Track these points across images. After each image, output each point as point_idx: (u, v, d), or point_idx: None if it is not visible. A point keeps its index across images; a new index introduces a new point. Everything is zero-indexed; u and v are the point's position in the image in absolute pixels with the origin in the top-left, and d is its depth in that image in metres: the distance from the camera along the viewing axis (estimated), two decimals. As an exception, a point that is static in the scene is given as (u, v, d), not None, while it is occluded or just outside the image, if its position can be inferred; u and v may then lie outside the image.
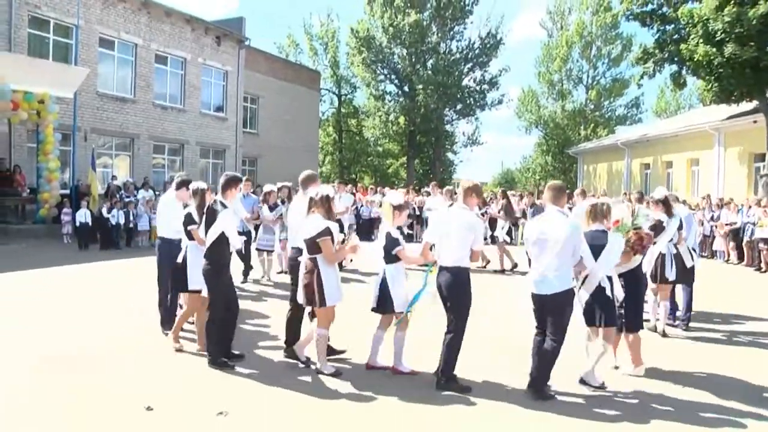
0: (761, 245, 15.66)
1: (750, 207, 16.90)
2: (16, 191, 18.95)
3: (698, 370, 6.61)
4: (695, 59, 20.61)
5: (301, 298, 6.16)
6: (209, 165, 28.80)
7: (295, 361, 6.46)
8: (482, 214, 14.90)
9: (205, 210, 6.54)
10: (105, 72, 23.29)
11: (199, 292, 6.72)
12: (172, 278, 7.19)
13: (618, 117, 48.42)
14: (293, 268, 6.54)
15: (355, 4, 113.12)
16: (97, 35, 22.43)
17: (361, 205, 20.86)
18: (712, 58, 19.93)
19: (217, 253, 6.38)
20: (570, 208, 9.58)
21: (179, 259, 6.95)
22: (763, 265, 15.64)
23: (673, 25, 23.22)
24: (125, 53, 24.06)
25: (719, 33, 19.47)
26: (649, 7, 24.06)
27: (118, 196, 18.38)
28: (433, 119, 40.69)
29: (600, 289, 5.84)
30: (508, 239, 14.60)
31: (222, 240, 6.34)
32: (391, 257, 6.10)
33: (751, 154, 23.35)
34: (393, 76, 41.85)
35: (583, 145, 41.78)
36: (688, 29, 21.12)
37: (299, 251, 6.30)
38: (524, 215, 17.90)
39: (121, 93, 23.94)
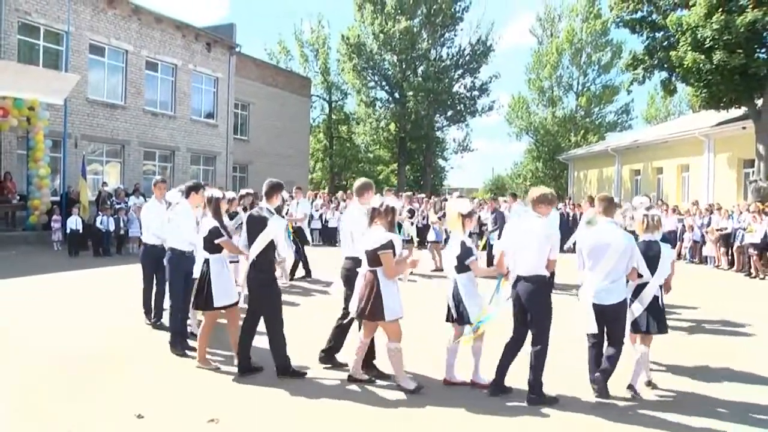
0: (751, 250, 15.75)
1: (741, 213, 17.01)
2: (6, 198, 18.84)
3: (688, 373, 6.63)
4: (684, 66, 20.78)
5: (355, 309, 5.93)
6: (200, 171, 28.71)
7: (328, 367, 6.50)
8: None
9: (246, 217, 6.49)
10: (95, 78, 23.21)
11: (228, 307, 6.51)
12: (185, 294, 7.02)
13: (608, 123, 48.66)
14: (348, 278, 6.30)
15: (346, 11, 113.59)
16: (87, 42, 22.36)
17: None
18: (701, 65, 20.10)
19: (269, 261, 6.26)
20: (565, 215, 9.67)
21: (195, 275, 6.70)
22: (752, 270, 15.73)
23: (662, 32, 23.41)
24: (116, 60, 23.99)
25: (708, 40, 19.65)
26: (639, 14, 24.28)
27: (108, 202, 18.30)
28: (424, 126, 40.77)
29: (654, 298, 6.01)
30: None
31: (271, 248, 6.19)
32: (463, 267, 5.97)
33: (741, 159, 23.52)
34: (383, 83, 41.91)
35: (574, 151, 41.97)
36: (677, 36, 21.29)
37: (355, 261, 6.16)
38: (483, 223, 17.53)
39: (112, 99, 23.85)
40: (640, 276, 5.92)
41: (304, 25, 67.80)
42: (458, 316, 5.96)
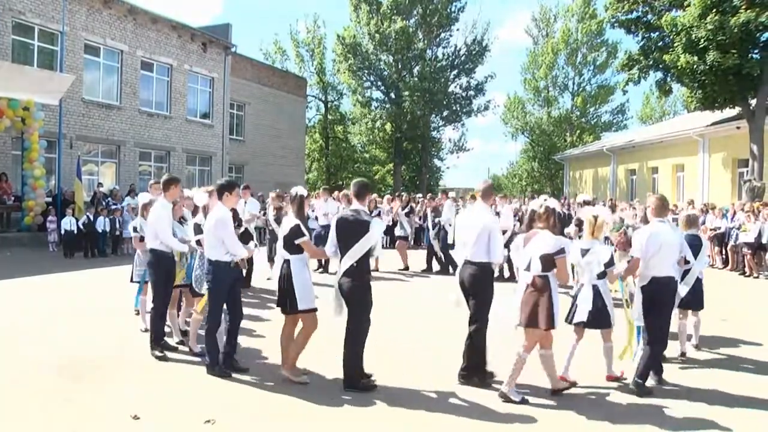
0: (745, 249, 15.81)
1: (735, 212, 17.07)
2: (1, 199, 18.80)
3: (684, 372, 6.66)
4: (679, 67, 20.86)
5: (521, 318, 5.65)
6: (196, 172, 28.70)
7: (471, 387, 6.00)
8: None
9: (336, 219, 6.07)
10: (90, 79, 23.18)
11: (310, 311, 6.08)
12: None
13: (603, 123, 48.81)
14: (474, 284, 6.04)
15: (341, 11, 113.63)
16: (82, 42, 22.32)
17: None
18: (694, 66, 20.18)
19: (367, 268, 5.95)
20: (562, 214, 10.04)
21: (275, 279, 6.38)
22: (747, 269, 15.79)
23: (657, 33, 23.49)
24: (111, 60, 23.96)
25: (702, 41, 19.73)
26: (634, 14, 24.36)
27: (104, 203, 18.26)
28: (420, 126, 40.79)
29: (697, 280, 7.26)
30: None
31: (369, 253, 5.88)
32: (603, 273, 6.14)
33: (735, 159, 23.62)
34: (379, 83, 41.89)
35: (569, 151, 42.08)
36: (672, 37, 21.37)
37: (480, 266, 5.97)
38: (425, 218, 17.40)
39: (107, 100, 23.81)
40: (687, 262, 7.08)
41: (300, 25, 67.93)
42: (600, 318, 6.06)
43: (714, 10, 19.58)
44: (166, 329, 7.40)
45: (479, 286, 6.01)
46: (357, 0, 39.74)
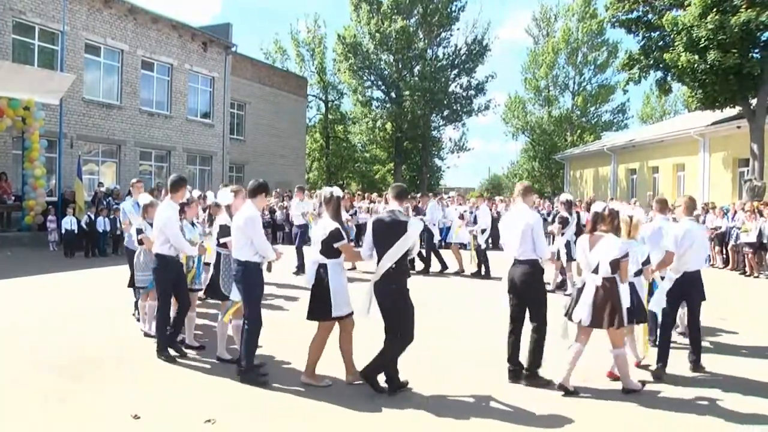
0: (746, 249, 15.81)
1: (735, 212, 17.06)
2: (1, 199, 18.80)
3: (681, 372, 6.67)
4: (679, 66, 20.85)
5: (589, 319, 5.82)
6: (196, 171, 28.70)
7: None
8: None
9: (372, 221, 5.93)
10: (91, 78, 23.17)
11: (345, 317, 5.93)
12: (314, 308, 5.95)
13: (604, 123, 48.76)
14: (526, 284, 6.14)
15: (342, 11, 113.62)
16: (83, 41, 22.31)
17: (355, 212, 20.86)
18: (695, 65, 20.17)
19: (404, 270, 5.80)
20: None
21: (308, 283, 6.03)
22: (747, 268, 15.78)
23: (658, 32, 23.48)
24: (111, 59, 23.95)
25: (703, 40, 19.72)
26: (634, 14, 24.34)
27: (104, 203, 18.25)
28: (420, 125, 40.80)
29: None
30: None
31: (407, 254, 5.74)
32: (639, 271, 6.44)
33: (736, 159, 23.60)
34: (380, 83, 41.90)
35: (570, 150, 42.05)
36: (672, 36, 21.36)
37: (530, 264, 6.10)
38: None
39: (108, 99, 23.80)
40: None
41: (300, 24, 67.94)
42: (638, 313, 6.14)
43: (714, 9, 19.57)
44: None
45: (533, 284, 6.12)
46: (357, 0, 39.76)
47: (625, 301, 5.89)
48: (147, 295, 7.64)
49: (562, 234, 11.23)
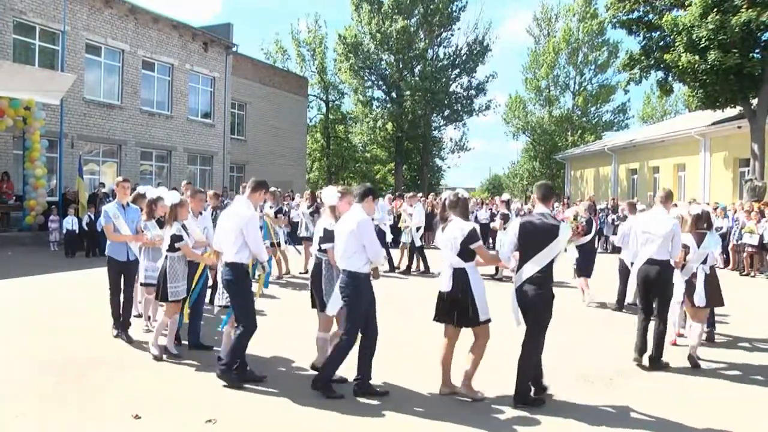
0: (748, 249, 15.82)
1: (735, 211, 17.07)
2: (2, 199, 18.81)
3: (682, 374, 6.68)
4: (680, 66, 20.84)
5: (704, 301, 7.00)
6: (197, 171, 28.70)
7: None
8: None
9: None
10: (92, 78, 23.17)
11: (487, 322, 5.65)
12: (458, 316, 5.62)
13: (605, 123, 48.72)
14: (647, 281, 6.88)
15: (343, 11, 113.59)
16: (83, 41, 22.32)
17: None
18: (696, 65, 20.16)
19: (552, 271, 5.65)
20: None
21: (446, 288, 5.63)
22: (747, 268, 15.80)
23: (658, 32, 23.47)
24: (112, 59, 23.95)
25: (703, 40, 19.72)
26: (635, 14, 24.33)
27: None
28: (421, 125, 40.80)
29: None
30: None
31: (555, 258, 5.63)
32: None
33: (736, 159, 23.60)
34: (380, 82, 41.91)
35: (571, 150, 42.04)
36: (673, 36, 21.36)
37: (657, 264, 6.82)
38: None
39: (108, 99, 23.81)
40: None
41: (301, 24, 67.92)
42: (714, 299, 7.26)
43: (715, 9, 19.57)
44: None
45: (667, 282, 6.88)
46: (358, -1, 39.79)
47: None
48: (172, 308, 6.88)
49: (504, 229, 12.56)
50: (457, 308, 5.54)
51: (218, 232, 6.19)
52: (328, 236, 6.13)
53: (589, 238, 10.90)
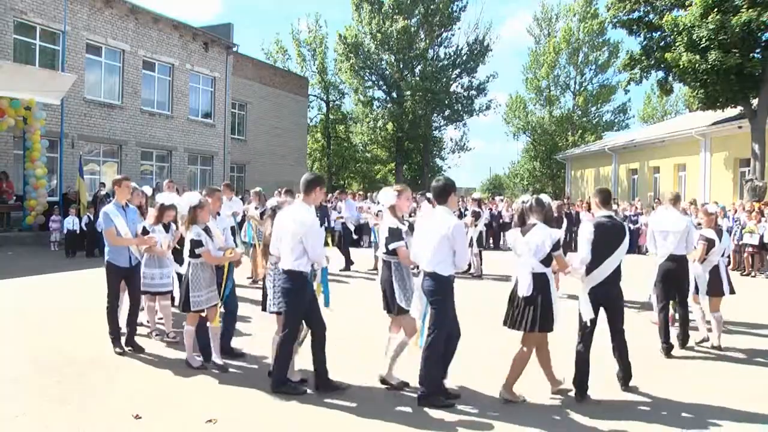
0: (749, 249, 15.82)
1: (736, 211, 17.07)
2: (2, 199, 18.82)
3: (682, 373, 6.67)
4: (680, 66, 20.83)
5: (729, 289, 7.92)
6: (197, 171, 28.71)
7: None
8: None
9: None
10: (92, 78, 23.19)
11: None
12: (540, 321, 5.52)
13: (605, 123, 48.66)
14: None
15: (343, 11, 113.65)
16: (84, 41, 22.33)
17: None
18: (696, 65, 20.15)
19: (621, 271, 5.97)
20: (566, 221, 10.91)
21: (526, 292, 5.53)
22: (747, 268, 15.80)
23: (659, 33, 23.46)
24: (112, 59, 23.97)
25: (704, 40, 19.71)
26: (635, 14, 24.32)
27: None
28: (421, 125, 40.76)
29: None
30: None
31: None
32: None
33: (737, 159, 23.59)
34: (381, 82, 41.89)
35: (571, 150, 42.01)
36: (673, 36, 21.35)
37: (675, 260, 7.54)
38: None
39: (109, 99, 23.82)
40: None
41: (301, 24, 67.90)
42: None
43: (715, 9, 19.56)
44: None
45: (686, 276, 7.61)
46: (359, -1, 39.79)
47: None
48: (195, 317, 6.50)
49: (475, 226, 13.35)
50: (532, 313, 5.50)
51: (276, 235, 5.87)
52: (396, 235, 5.93)
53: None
